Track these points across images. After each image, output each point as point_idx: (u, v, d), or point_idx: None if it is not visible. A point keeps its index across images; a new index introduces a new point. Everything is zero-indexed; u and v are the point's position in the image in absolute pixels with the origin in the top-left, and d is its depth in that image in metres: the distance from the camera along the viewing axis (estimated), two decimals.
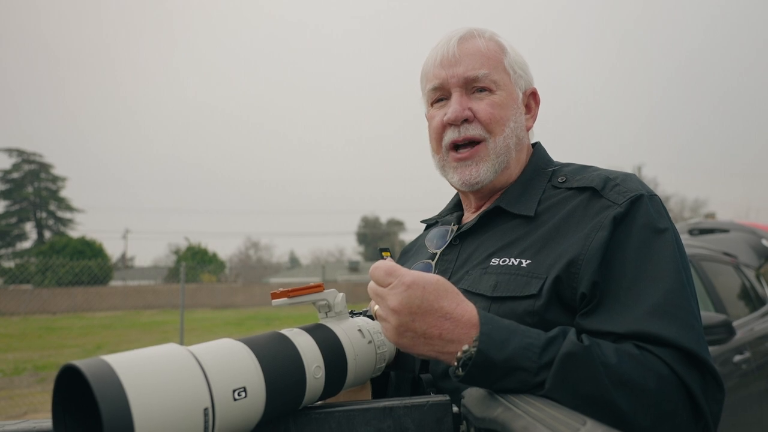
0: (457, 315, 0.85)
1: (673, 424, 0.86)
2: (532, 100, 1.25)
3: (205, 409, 0.66)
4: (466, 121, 1.15)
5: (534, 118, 1.25)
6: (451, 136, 1.17)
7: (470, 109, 1.15)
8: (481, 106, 1.15)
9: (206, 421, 0.66)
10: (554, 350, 0.85)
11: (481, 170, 1.15)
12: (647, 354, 0.88)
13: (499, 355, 0.82)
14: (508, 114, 1.16)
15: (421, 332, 0.85)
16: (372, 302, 0.94)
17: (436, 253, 1.22)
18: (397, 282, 0.86)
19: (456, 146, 1.18)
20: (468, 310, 0.86)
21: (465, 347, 0.84)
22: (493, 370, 0.82)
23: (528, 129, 1.23)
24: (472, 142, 1.16)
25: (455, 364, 0.85)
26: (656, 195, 1.07)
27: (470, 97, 1.16)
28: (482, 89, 1.15)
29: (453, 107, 1.15)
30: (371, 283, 0.91)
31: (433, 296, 0.85)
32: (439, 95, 1.20)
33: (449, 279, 1.14)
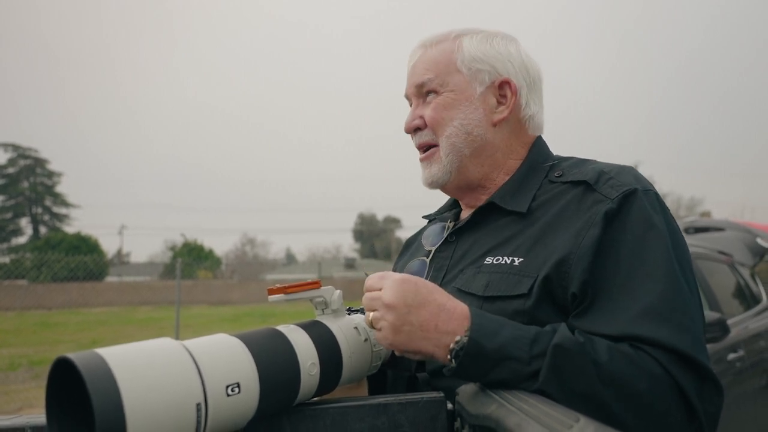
0: (450, 307, 0.88)
1: (666, 424, 0.86)
2: (507, 89, 1.18)
3: (198, 405, 0.66)
4: (419, 129, 1.19)
5: (509, 108, 1.17)
6: (413, 143, 1.24)
7: (422, 116, 1.19)
8: (427, 111, 1.18)
9: (198, 417, 0.66)
10: (546, 341, 0.86)
11: (433, 171, 1.19)
12: (642, 353, 0.87)
13: (491, 343, 0.84)
14: (453, 113, 1.15)
15: (417, 324, 0.87)
16: (367, 313, 0.96)
17: (431, 251, 1.22)
18: (391, 280, 0.90)
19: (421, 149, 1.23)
20: (459, 305, 0.90)
21: (458, 337, 0.86)
22: (485, 359, 0.84)
23: (497, 122, 1.17)
24: (430, 146, 1.20)
25: (448, 356, 0.86)
26: (652, 189, 1.03)
27: (424, 104, 1.20)
28: (431, 93, 1.18)
29: (406, 120, 1.22)
30: (366, 294, 0.94)
31: (425, 290, 0.89)
32: (410, 105, 1.25)
33: (444, 276, 1.14)
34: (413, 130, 1.21)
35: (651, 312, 0.89)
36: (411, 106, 1.24)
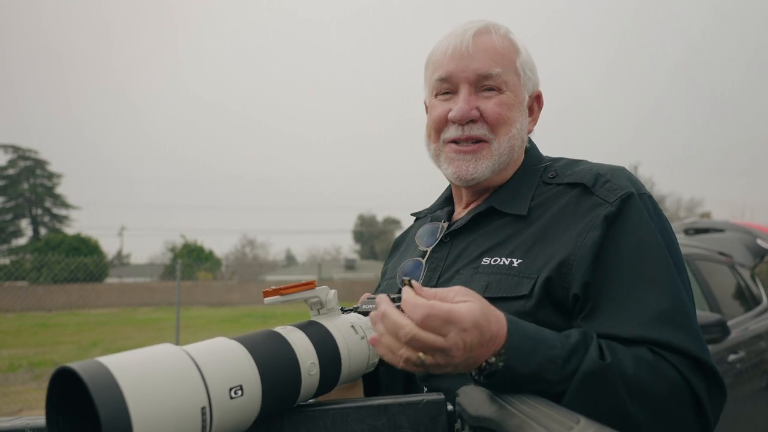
0: (497, 332, 0.80)
1: (678, 425, 0.88)
2: (536, 103, 1.24)
3: (203, 408, 0.66)
4: (471, 120, 1.12)
5: (535, 121, 1.24)
6: (453, 133, 1.14)
7: (477, 108, 1.12)
8: (489, 105, 1.12)
9: (204, 420, 0.66)
10: (576, 361, 0.84)
11: (480, 167, 1.13)
12: (660, 359, 0.89)
13: (525, 368, 0.80)
14: (515, 115, 1.14)
15: (472, 362, 0.79)
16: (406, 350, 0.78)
17: (427, 251, 1.21)
18: (458, 330, 0.75)
19: (457, 141, 1.15)
20: (501, 324, 0.81)
21: (492, 359, 0.80)
22: (518, 381, 0.80)
23: (529, 132, 1.22)
24: (477, 141, 1.14)
25: (476, 371, 0.82)
26: (646, 192, 1.06)
27: (478, 95, 1.13)
28: (491, 88, 1.12)
29: (460, 105, 1.12)
30: (418, 333, 0.75)
31: (485, 327, 0.77)
32: (446, 88, 1.16)
33: (439, 277, 1.14)
34: (468, 120, 1.13)
35: (664, 317, 0.91)
36: (450, 90, 1.15)
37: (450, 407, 0.87)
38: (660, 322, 0.91)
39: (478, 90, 1.13)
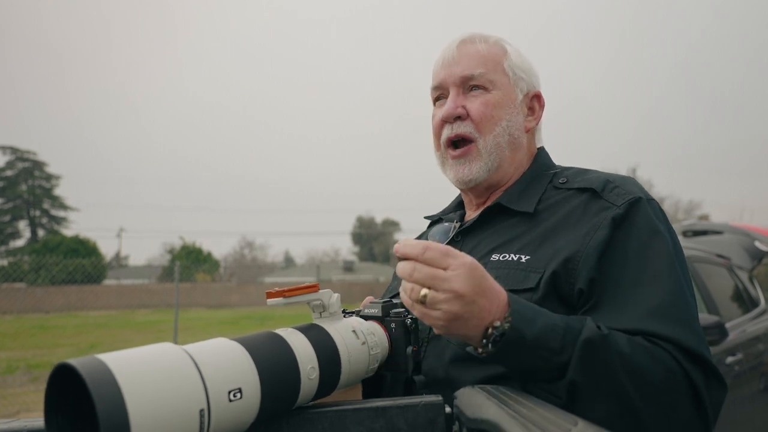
0: (498, 291, 0.87)
1: (677, 414, 0.90)
2: (536, 102, 1.29)
3: (201, 411, 0.66)
4: (459, 118, 1.21)
5: (537, 120, 1.29)
6: (446, 133, 1.23)
7: (464, 106, 1.20)
8: (474, 104, 1.20)
9: (201, 423, 0.66)
10: (575, 332, 0.87)
11: (474, 168, 1.21)
12: (656, 347, 0.91)
13: (530, 332, 0.85)
14: (501, 114, 1.21)
15: (477, 313, 0.84)
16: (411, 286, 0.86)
17: None
18: (459, 263, 0.83)
19: (453, 143, 1.23)
20: (498, 288, 0.88)
21: (497, 323, 0.84)
22: (524, 347, 0.84)
23: (528, 130, 1.27)
24: (465, 140, 1.21)
25: (484, 341, 0.85)
26: (654, 199, 1.11)
27: (466, 95, 1.22)
28: (477, 87, 1.21)
29: (447, 105, 1.21)
30: (419, 267, 0.84)
31: (485, 276, 0.85)
32: (439, 94, 1.27)
33: None
34: (454, 118, 1.21)
35: (661, 310, 0.94)
36: (442, 96, 1.25)
37: (448, 409, 0.87)
38: (655, 315, 0.94)
39: (465, 91, 1.22)
